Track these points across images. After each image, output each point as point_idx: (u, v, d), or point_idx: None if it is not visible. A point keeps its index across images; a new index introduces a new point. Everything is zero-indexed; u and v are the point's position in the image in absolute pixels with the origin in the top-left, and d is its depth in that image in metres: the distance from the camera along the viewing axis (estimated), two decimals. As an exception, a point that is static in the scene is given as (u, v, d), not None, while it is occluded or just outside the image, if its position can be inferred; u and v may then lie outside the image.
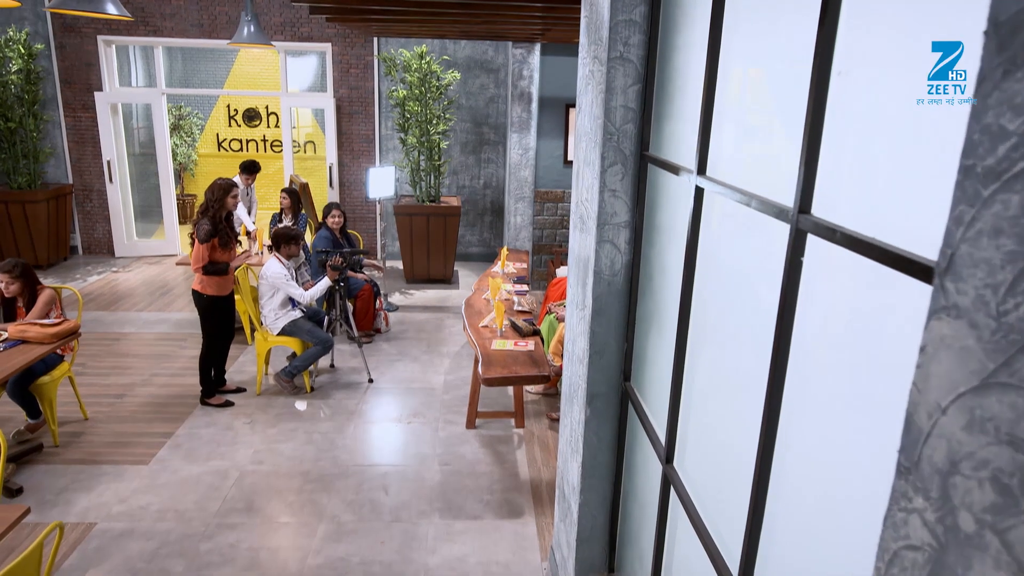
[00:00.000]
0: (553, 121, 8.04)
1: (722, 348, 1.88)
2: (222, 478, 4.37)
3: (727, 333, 1.84)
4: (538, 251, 8.44)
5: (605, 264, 2.63)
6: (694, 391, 2.08)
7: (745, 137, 1.74)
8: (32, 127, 8.54)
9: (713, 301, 1.94)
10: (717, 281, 1.91)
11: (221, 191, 4.99)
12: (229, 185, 5.02)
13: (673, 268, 2.35)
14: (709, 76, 1.87)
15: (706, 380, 1.99)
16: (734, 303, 1.79)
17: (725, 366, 1.85)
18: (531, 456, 4.76)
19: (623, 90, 2.46)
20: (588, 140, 2.71)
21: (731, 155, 1.81)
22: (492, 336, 4.78)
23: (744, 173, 1.73)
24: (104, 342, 6.51)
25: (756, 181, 1.64)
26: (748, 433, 1.62)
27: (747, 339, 1.69)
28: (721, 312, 1.88)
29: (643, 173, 2.53)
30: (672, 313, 2.36)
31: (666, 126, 2.38)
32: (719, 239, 1.90)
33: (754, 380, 1.61)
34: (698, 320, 2.04)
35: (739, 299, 1.76)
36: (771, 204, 1.47)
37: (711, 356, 1.95)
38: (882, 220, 1.13)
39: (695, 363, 2.07)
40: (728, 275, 1.83)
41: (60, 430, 4.85)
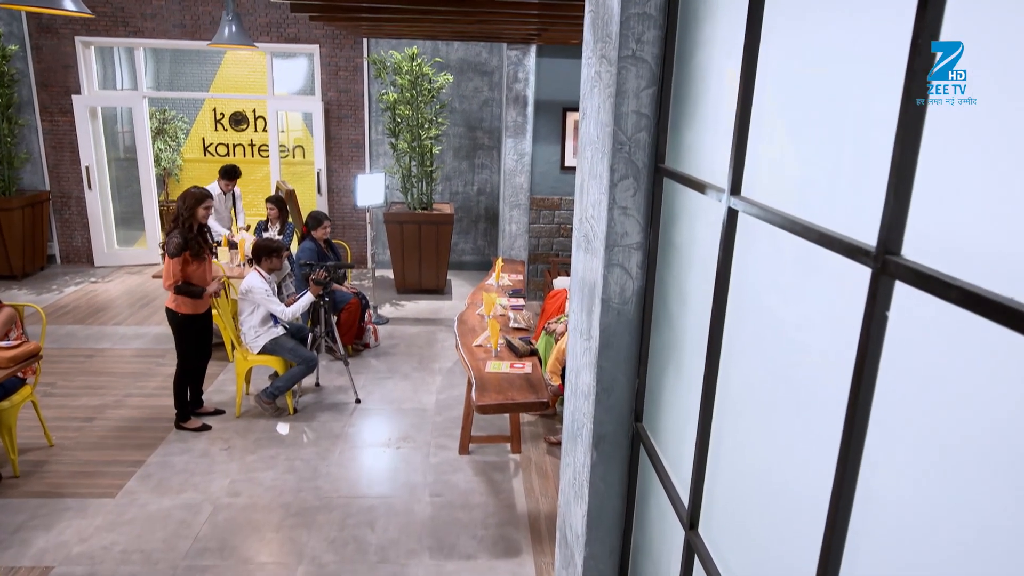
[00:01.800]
0: (550, 125, 7.74)
1: (766, 401, 1.57)
2: (194, 513, 4.04)
3: (773, 384, 1.53)
4: (534, 260, 8.13)
5: (614, 291, 2.32)
6: (727, 445, 1.77)
7: (795, 153, 1.43)
8: (6, 131, 8.18)
9: (752, 343, 1.63)
10: (758, 319, 1.60)
11: (193, 200, 4.65)
12: (202, 195, 4.69)
13: (696, 298, 2.04)
14: (746, 78, 1.56)
15: (745, 435, 1.68)
16: (783, 349, 1.48)
17: (774, 423, 1.54)
18: (528, 485, 4.44)
19: (635, 94, 2.15)
20: (594, 150, 2.40)
21: (777, 173, 1.50)
22: (487, 357, 4.46)
23: (794, 196, 1.42)
24: (76, 359, 6.16)
25: (811, 206, 1.33)
26: (807, 506, 1.32)
27: (804, 395, 1.38)
28: (764, 357, 1.57)
29: (658, 188, 2.22)
30: (695, 350, 2.05)
31: (686, 135, 2.07)
32: (760, 271, 1.59)
33: (814, 444, 1.31)
34: (732, 362, 1.73)
35: (790, 345, 1.45)
36: (841, 240, 1.16)
37: (752, 408, 1.64)
38: (997, 265, 0.83)
39: (729, 412, 1.76)
40: (773, 315, 1.52)
41: (22, 459, 4.51)
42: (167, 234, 4.72)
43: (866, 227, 1.09)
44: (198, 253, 4.70)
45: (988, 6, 0.94)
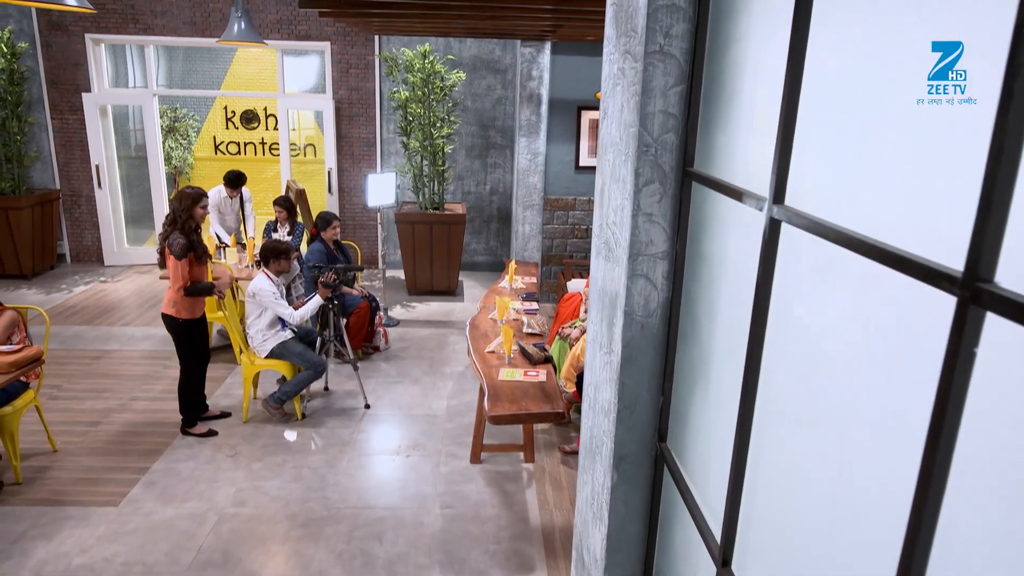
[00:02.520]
0: (564, 124, 7.58)
1: (814, 433, 1.41)
2: (198, 523, 3.93)
3: (821, 414, 1.38)
4: (547, 262, 7.98)
5: (638, 303, 2.17)
6: (766, 476, 1.62)
7: (853, 159, 1.28)
8: (16, 130, 8.13)
9: (798, 367, 1.48)
10: (804, 342, 1.45)
11: (190, 200, 4.54)
12: (198, 195, 4.59)
13: (729, 313, 1.89)
14: (792, 75, 1.41)
15: (788, 468, 1.53)
16: (835, 379, 1.33)
17: (823, 458, 1.39)
18: (542, 496, 4.30)
19: (663, 92, 2.00)
20: (617, 152, 2.25)
21: (829, 181, 1.35)
22: (499, 364, 4.32)
23: (850, 207, 1.26)
24: (83, 360, 6.08)
25: (873, 220, 1.18)
26: (869, 550, 1.17)
27: (860, 429, 1.23)
28: (811, 385, 1.42)
29: (686, 194, 2.07)
30: (728, 369, 1.90)
31: (718, 137, 1.92)
32: (807, 289, 1.44)
33: (875, 487, 1.16)
34: (772, 387, 1.58)
35: (843, 375, 1.30)
36: (915, 262, 1.01)
37: (796, 439, 1.49)
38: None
39: (769, 441, 1.61)
40: (823, 339, 1.37)
41: (25, 464, 4.42)
42: (164, 236, 4.59)
43: (949, 248, 0.94)
44: (202, 257, 4.61)
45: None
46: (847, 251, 1.24)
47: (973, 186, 0.89)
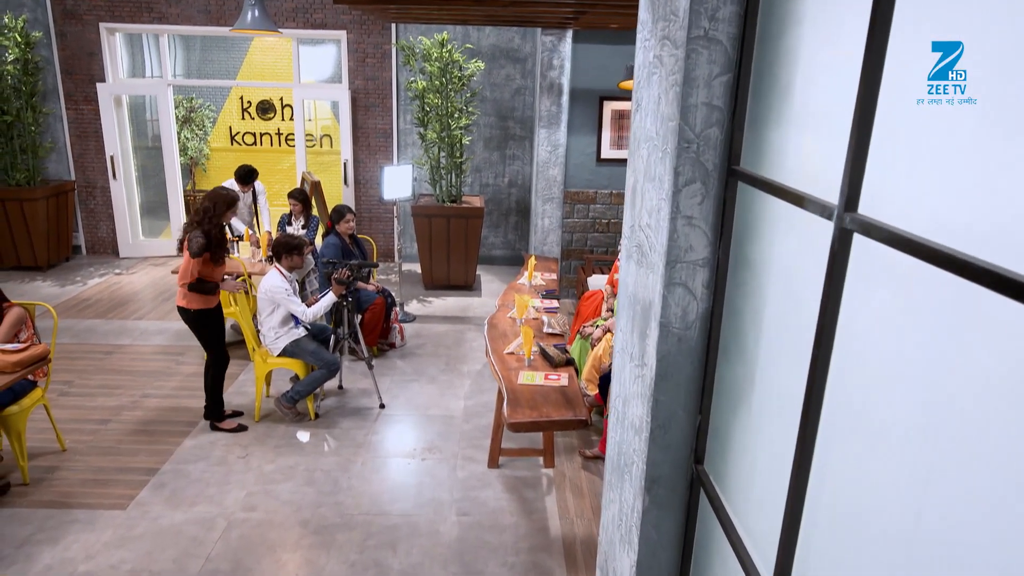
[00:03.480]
0: (585, 115, 7.36)
1: (889, 458, 1.23)
2: (207, 529, 3.80)
3: (901, 439, 1.19)
4: (567, 256, 7.78)
5: (675, 314, 1.98)
6: (827, 505, 1.44)
7: (940, 161, 1.08)
8: (31, 120, 8.04)
9: (870, 388, 1.29)
10: (881, 364, 1.26)
11: (224, 205, 4.48)
12: (233, 199, 4.53)
13: (779, 326, 1.70)
14: (871, 64, 1.21)
15: (857, 497, 1.34)
16: (915, 398, 1.14)
17: (903, 485, 1.20)
18: (562, 504, 4.13)
19: (707, 82, 1.80)
20: (652, 148, 2.06)
21: (916, 188, 1.15)
22: (519, 366, 4.15)
23: (945, 220, 1.07)
24: (95, 355, 5.99)
25: (974, 238, 0.99)
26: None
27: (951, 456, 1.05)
28: (887, 406, 1.23)
29: (730, 195, 1.87)
30: (778, 385, 1.71)
31: (771, 133, 1.72)
32: (887, 309, 1.24)
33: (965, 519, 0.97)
34: (840, 407, 1.39)
35: (928, 393, 1.11)
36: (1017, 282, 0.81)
37: (870, 466, 1.30)
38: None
39: (834, 473, 1.42)
40: (908, 365, 1.18)
41: (32, 464, 4.32)
42: (187, 231, 4.50)
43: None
44: (219, 259, 4.51)
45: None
46: (935, 268, 1.05)
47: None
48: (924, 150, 1.15)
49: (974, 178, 1.03)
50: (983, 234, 0.99)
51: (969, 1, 1.00)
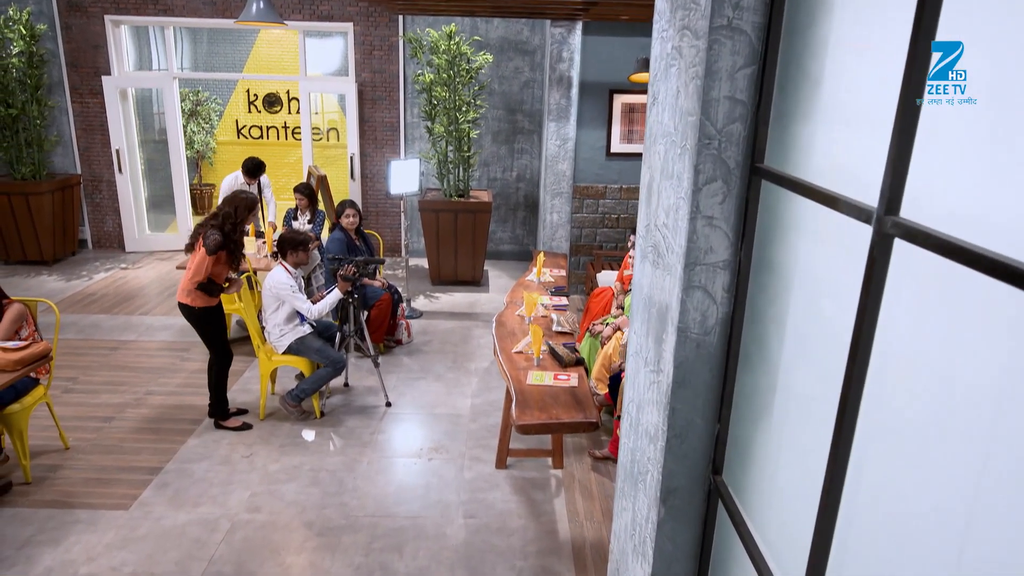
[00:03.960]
0: (595, 108, 7.24)
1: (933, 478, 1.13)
2: (211, 530, 3.74)
3: (949, 458, 1.10)
4: (576, 252, 7.68)
5: (694, 319, 1.89)
6: (862, 522, 1.35)
7: (993, 161, 0.99)
8: (36, 114, 7.99)
9: (910, 400, 1.19)
10: (918, 372, 1.17)
11: (245, 209, 4.44)
12: (253, 202, 4.49)
13: (806, 333, 1.61)
14: (918, 55, 1.11)
15: (898, 516, 1.25)
16: (964, 413, 1.05)
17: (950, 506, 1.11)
18: (571, 507, 4.05)
19: (730, 75, 1.70)
20: (670, 144, 1.96)
21: (968, 191, 1.06)
22: (528, 366, 4.06)
23: (983, 221, 0.97)
24: (100, 351, 5.94)
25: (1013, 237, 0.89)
26: None
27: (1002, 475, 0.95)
28: (931, 420, 1.14)
29: (753, 194, 1.77)
30: (805, 395, 1.62)
31: (797, 129, 1.62)
32: (933, 320, 1.15)
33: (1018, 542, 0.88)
34: (877, 421, 1.29)
35: (977, 409, 1.02)
36: None
37: (914, 484, 1.21)
38: None
39: (869, 482, 1.33)
40: (947, 367, 1.09)
41: (35, 462, 4.27)
42: (202, 230, 4.43)
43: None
44: (234, 261, 4.46)
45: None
46: (988, 277, 0.96)
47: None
48: (969, 148, 1.06)
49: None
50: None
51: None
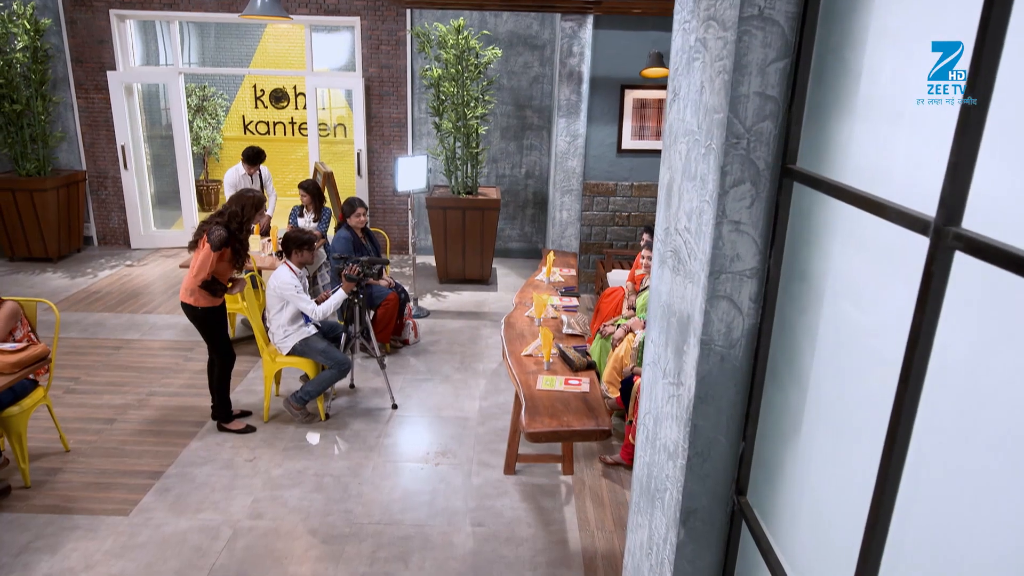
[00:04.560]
0: (606, 104, 7.10)
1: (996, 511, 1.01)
2: (212, 537, 3.64)
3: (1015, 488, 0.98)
4: (586, 250, 7.55)
5: (718, 330, 1.76)
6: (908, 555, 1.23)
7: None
8: (40, 109, 7.91)
9: (973, 430, 1.07)
10: (983, 397, 1.04)
11: (252, 209, 4.34)
12: (260, 200, 4.37)
13: (844, 347, 1.49)
14: (987, 46, 0.98)
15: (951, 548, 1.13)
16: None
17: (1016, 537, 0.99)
18: (582, 515, 3.93)
19: (760, 68, 1.58)
20: (693, 143, 1.84)
21: None
22: (537, 370, 3.94)
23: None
24: (103, 351, 5.86)
25: None
26: None
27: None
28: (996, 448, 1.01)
29: (784, 198, 1.65)
30: (843, 413, 1.50)
31: (835, 127, 1.50)
32: (991, 334, 1.02)
33: None
34: (931, 447, 1.17)
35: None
36: None
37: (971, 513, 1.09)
38: None
39: (919, 509, 1.21)
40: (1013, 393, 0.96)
41: (35, 465, 4.19)
42: (207, 227, 4.32)
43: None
44: (239, 260, 4.35)
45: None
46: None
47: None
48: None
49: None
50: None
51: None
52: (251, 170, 6.60)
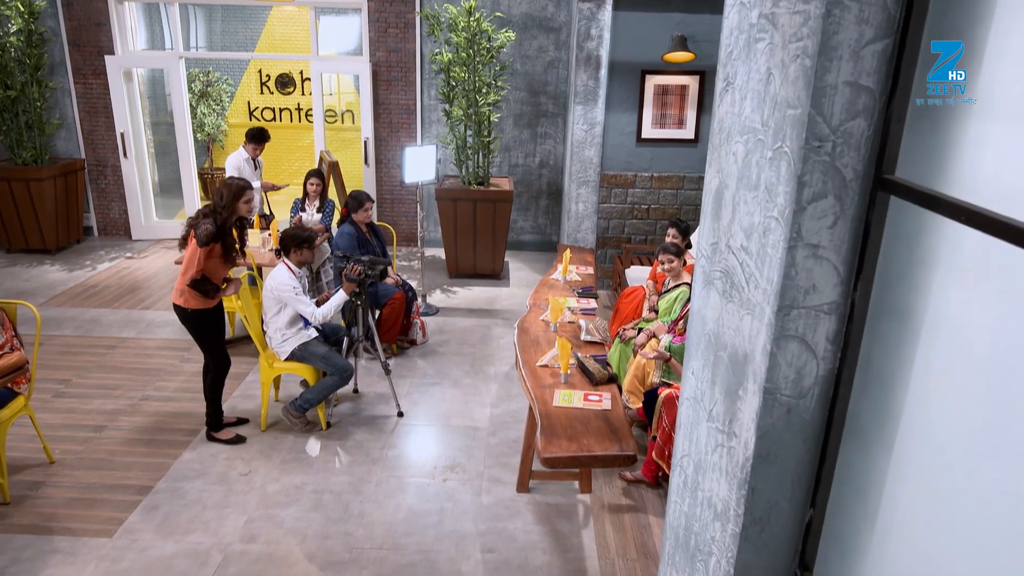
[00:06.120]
0: (626, 90, 6.73)
1: None
2: (200, 563, 3.36)
3: None
4: (603, 245, 7.20)
5: (785, 376, 1.43)
6: None
7: None
8: (36, 95, 7.62)
9: None
10: None
11: (232, 196, 3.98)
12: (242, 187, 4.01)
13: (960, 406, 1.15)
14: None
15: None
16: None
17: None
18: (601, 539, 3.62)
19: (854, 52, 1.23)
20: (755, 144, 1.49)
21: None
22: (554, 382, 3.62)
23: None
24: (97, 350, 5.59)
25: None
26: None
27: None
28: None
29: (878, 216, 1.31)
30: (949, 488, 1.17)
31: (955, 128, 1.15)
32: None
33: None
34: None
35: None
36: None
37: None
38: None
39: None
40: None
41: (17, 478, 3.93)
42: (194, 221, 4.02)
43: None
44: (230, 254, 4.03)
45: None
46: None
47: None
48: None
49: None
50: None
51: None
52: (256, 151, 6.28)
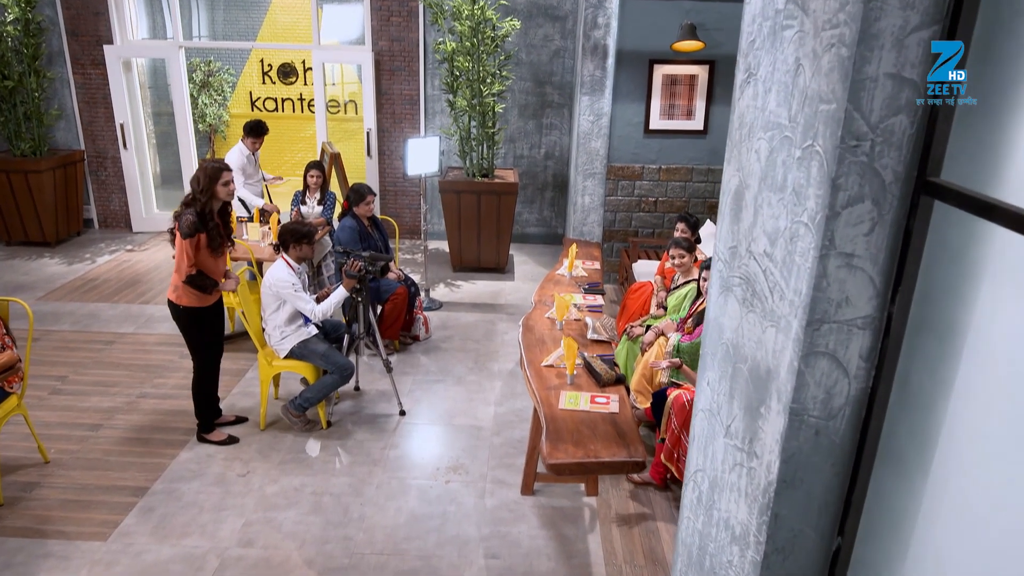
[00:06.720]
0: (633, 81, 6.58)
1: None
2: (196, 568, 3.28)
3: None
4: (609, 238, 7.07)
5: (814, 396, 1.31)
6: None
7: None
8: (34, 86, 7.50)
9: None
10: None
11: (208, 179, 3.82)
12: (217, 169, 3.84)
13: (996, 428, 1.04)
14: None
15: None
16: None
17: None
18: (608, 545, 3.52)
19: (897, 40, 1.10)
20: (781, 141, 1.37)
21: None
22: (560, 383, 3.51)
23: None
24: (95, 346, 5.50)
25: None
26: None
27: None
28: None
29: (920, 223, 1.18)
30: (995, 517, 1.05)
31: (1013, 125, 1.03)
32: None
33: None
34: None
35: None
36: None
37: None
38: None
39: None
40: None
41: (11, 479, 3.86)
42: (179, 213, 3.90)
43: None
44: (216, 245, 3.90)
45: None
46: None
47: None
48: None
49: None
50: None
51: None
52: (255, 145, 6.16)
